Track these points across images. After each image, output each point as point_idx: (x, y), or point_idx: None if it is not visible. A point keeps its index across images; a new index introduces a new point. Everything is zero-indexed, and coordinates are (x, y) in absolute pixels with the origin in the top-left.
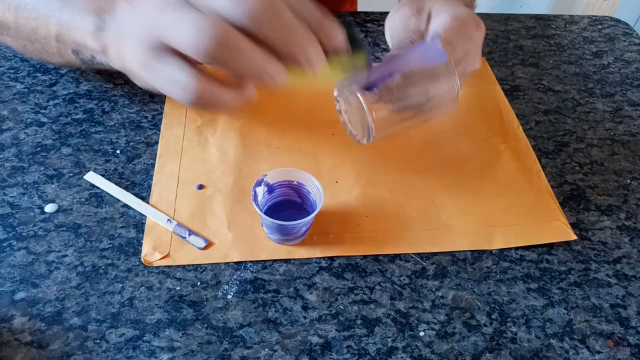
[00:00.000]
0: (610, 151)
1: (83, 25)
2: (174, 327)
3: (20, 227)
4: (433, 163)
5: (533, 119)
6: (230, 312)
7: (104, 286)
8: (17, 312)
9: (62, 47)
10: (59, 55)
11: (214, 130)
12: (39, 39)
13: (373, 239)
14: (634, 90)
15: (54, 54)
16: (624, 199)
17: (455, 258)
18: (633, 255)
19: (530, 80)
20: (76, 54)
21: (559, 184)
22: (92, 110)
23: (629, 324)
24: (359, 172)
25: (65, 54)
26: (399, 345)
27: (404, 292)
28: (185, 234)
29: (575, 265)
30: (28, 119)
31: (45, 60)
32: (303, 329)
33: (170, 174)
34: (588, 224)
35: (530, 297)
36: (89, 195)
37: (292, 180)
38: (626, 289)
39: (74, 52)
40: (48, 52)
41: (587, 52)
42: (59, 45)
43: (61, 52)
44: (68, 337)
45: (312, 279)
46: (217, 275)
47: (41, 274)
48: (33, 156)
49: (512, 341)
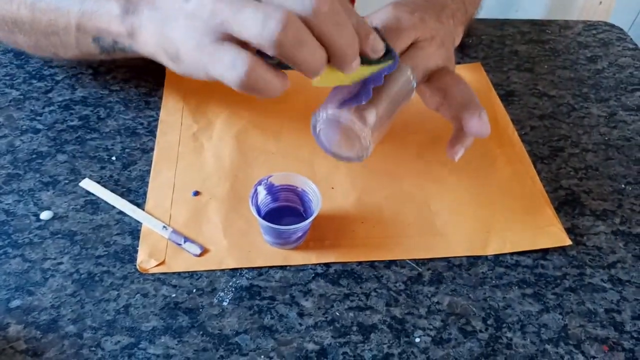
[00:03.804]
0: (605, 156)
1: (108, 9)
2: (169, 335)
3: (16, 235)
4: (428, 169)
5: (528, 124)
6: (226, 319)
7: (100, 293)
8: (12, 320)
9: (81, 36)
10: (76, 46)
11: (209, 136)
12: (56, 31)
13: (369, 245)
14: (628, 95)
15: (71, 45)
16: (619, 203)
17: (450, 264)
18: (628, 260)
19: (525, 85)
20: (96, 42)
21: (554, 189)
22: (88, 116)
23: (624, 329)
24: (354, 178)
25: (83, 43)
26: (395, 352)
27: (400, 298)
28: (181, 241)
29: (570, 271)
30: (23, 125)
31: (57, 55)
32: (299, 336)
33: (165, 181)
34: (583, 229)
35: (525, 303)
36: (85, 202)
37: (297, 187)
38: (621, 293)
39: (95, 40)
40: (65, 44)
41: (581, 57)
42: (79, 35)
43: (80, 42)
44: (63, 345)
45: (307, 285)
46: (212, 282)
47: (37, 282)
48: (28, 163)
49: (507, 347)
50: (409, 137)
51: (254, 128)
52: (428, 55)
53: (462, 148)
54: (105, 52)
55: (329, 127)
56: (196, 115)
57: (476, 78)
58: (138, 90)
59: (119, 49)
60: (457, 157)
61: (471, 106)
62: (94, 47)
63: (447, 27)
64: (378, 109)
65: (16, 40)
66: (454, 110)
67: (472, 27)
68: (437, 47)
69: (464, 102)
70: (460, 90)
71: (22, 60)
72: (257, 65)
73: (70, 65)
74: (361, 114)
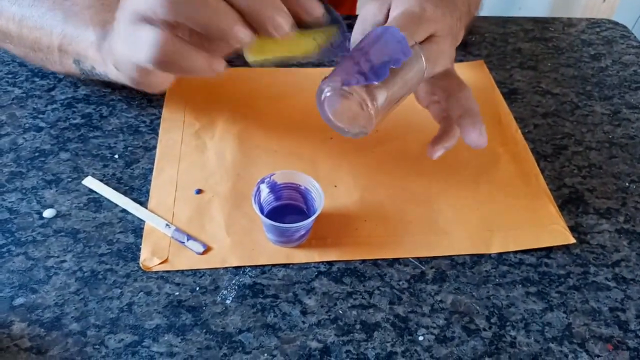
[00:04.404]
0: (609, 154)
1: (86, 37)
2: (173, 333)
3: (19, 233)
4: (431, 167)
5: (531, 122)
6: (229, 317)
7: (103, 291)
8: (16, 318)
9: (63, 57)
10: (60, 64)
11: (212, 134)
12: (41, 49)
13: (372, 243)
14: (632, 93)
15: (55, 62)
16: (623, 202)
17: (454, 262)
18: (632, 259)
19: (528, 83)
20: (77, 64)
21: (557, 187)
22: (90, 114)
23: (628, 328)
24: (357, 176)
25: (66, 63)
26: (398, 350)
27: (403, 297)
28: (184, 239)
29: (574, 269)
30: (26, 124)
31: (46, 68)
32: (302, 334)
33: (168, 179)
34: (587, 228)
35: (529, 301)
36: (88, 200)
37: (300, 185)
38: (625, 292)
39: (75, 62)
40: (50, 61)
41: (585, 55)
42: (61, 55)
43: (62, 62)
44: (67, 343)
45: (311, 283)
46: (215, 280)
47: (40, 280)
48: (31, 161)
49: (511, 345)
50: (412, 135)
51: (257, 126)
52: (442, 51)
53: (443, 149)
54: (85, 75)
55: (336, 97)
56: (198, 113)
57: (479, 76)
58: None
59: (96, 74)
60: (435, 156)
61: (474, 118)
62: (74, 68)
63: (458, 28)
64: (389, 90)
65: (8, 49)
66: (455, 116)
67: (475, 25)
68: (450, 45)
69: (467, 111)
70: (465, 97)
71: None
72: (170, 40)
73: None
74: (373, 93)
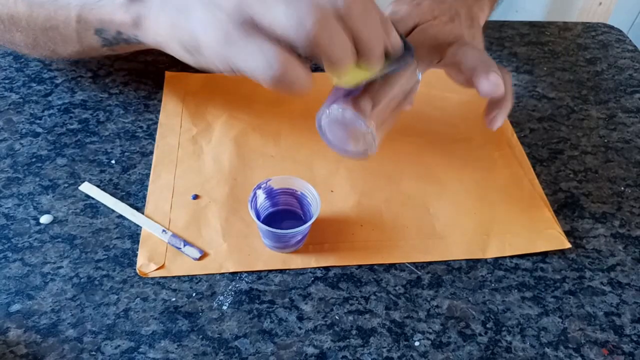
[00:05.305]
0: (604, 158)
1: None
2: (169, 339)
3: (16, 239)
4: (427, 172)
5: (527, 127)
6: (226, 323)
7: (99, 297)
8: (12, 325)
9: (82, 28)
10: (77, 40)
11: (208, 139)
12: (56, 25)
13: (368, 248)
14: (627, 97)
15: (72, 39)
16: (618, 206)
17: (450, 267)
18: (627, 263)
19: (524, 87)
20: (99, 34)
21: (553, 191)
22: (87, 120)
23: (623, 332)
24: (354, 181)
25: (85, 36)
26: (394, 356)
27: (399, 302)
28: (180, 245)
29: (569, 274)
30: (23, 129)
31: (56, 52)
32: (298, 340)
33: (165, 184)
34: (582, 232)
35: (525, 306)
36: (84, 206)
37: (296, 190)
38: (620, 296)
39: (97, 32)
40: (65, 38)
41: (580, 59)
42: (80, 27)
43: (81, 35)
44: (64, 349)
45: (307, 289)
46: (212, 286)
47: (36, 286)
48: (28, 167)
49: (507, 350)
50: (408, 140)
51: (253, 131)
52: (430, 36)
53: (500, 111)
54: (108, 45)
55: (333, 124)
56: (195, 118)
57: None
58: (137, 94)
59: (122, 40)
60: (495, 125)
61: (479, 67)
62: (95, 39)
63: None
64: (380, 102)
65: (13, 39)
66: (468, 77)
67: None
68: (441, 25)
69: (474, 66)
70: (471, 56)
71: (22, 64)
72: (290, 61)
73: (70, 69)
74: (363, 109)
